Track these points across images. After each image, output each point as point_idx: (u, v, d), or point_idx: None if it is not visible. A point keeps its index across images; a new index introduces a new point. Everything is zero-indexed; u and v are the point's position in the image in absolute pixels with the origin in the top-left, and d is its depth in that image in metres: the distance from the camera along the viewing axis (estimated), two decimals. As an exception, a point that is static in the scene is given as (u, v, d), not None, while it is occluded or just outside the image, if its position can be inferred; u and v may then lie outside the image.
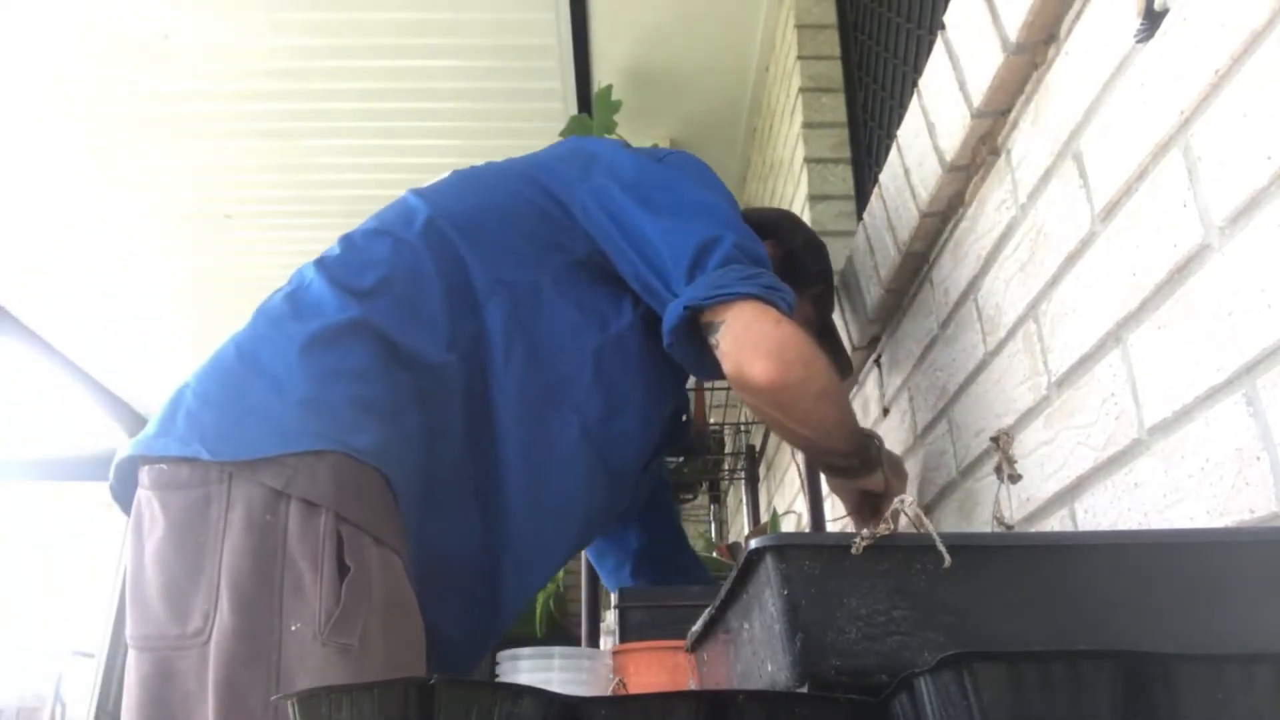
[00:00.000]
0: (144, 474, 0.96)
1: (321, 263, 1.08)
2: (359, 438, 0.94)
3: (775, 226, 1.37)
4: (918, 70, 1.43)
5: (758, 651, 0.57)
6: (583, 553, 1.56)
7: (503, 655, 1.02)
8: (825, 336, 1.38)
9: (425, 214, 1.11)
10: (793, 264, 1.32)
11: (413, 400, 1.01)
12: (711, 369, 1.09)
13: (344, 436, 0.94)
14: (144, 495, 0.95)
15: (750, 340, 1.02)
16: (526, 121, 2.74)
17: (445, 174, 1.24)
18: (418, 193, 1.17)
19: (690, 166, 1.21)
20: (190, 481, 0.92)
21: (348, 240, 1.11)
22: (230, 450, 0.92)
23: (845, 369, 1.43)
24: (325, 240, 1.15)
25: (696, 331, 1.07)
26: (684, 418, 1.30)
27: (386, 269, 1.06)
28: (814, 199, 1.99)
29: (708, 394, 2.08)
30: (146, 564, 0.92)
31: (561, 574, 3.00)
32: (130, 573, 0.94)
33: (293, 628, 0.86)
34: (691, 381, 1.98)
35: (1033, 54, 0.95)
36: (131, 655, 0.92)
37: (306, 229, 3.26)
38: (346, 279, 1.04)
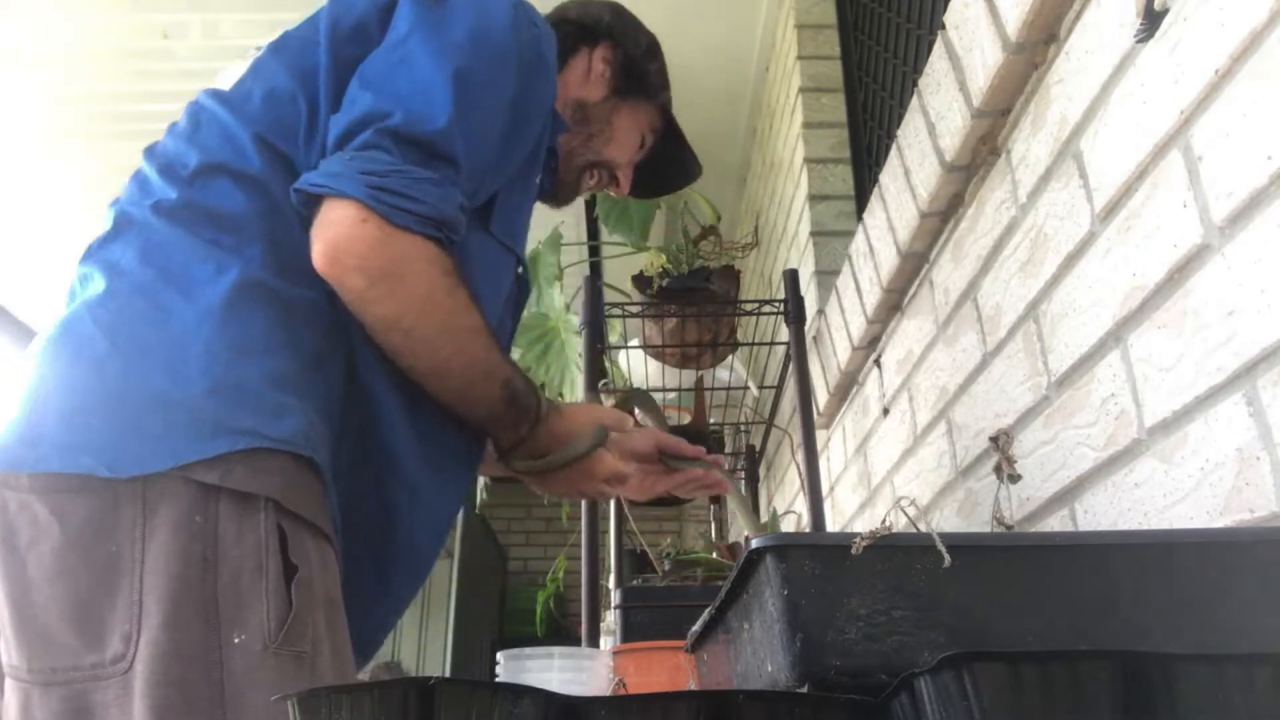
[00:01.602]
0: (5, 477, 0.80)
1: (167, 212, 0.91)
2: (283, 423, 0.84)
3: (611, 29, 1.23)
4: (918, 70, 1.43)
5: (758, 651, 0.57)
6: (582, 554, 1.56)
7: (503, 655, 1.02)
8: (672, 141, 1.33)
9: (248, 132, 0.95)
10: (636, 71, 1.24)
11: (314, 363, 0.91)
12: None
13: (267, 426, 0.83)
14: (14, 500, 0.79)
15: (338, 248, 0.88)
16: (526, 121, 2.73)
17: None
18: (228, 106, 0.97)
19: (466, 16, 0.98)
20: (89, 484, 0.78)
21: (182, 181, 0.93)
22: (132, 464, 0.78)
23: (694, 173, 1.41)
24: None
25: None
26: (519, 269, 1.15)
27: (243, 208, 0.91)
28: (814, 199, 1.99)
29: (708, 394, 2.08)
30: (36, 582, 0.77)
31: (562, 573, 3.00)
32: (6, 595, 0.79)
33: (236, 640, 0.76)
34: (691, 381, 1.99)
35: (1033, 54, 0.95)
36: (26, 692, 0.77)
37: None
38: (210, 231, 0.90)
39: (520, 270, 1.15)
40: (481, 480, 2.95)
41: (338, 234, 0.88)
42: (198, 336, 0.84)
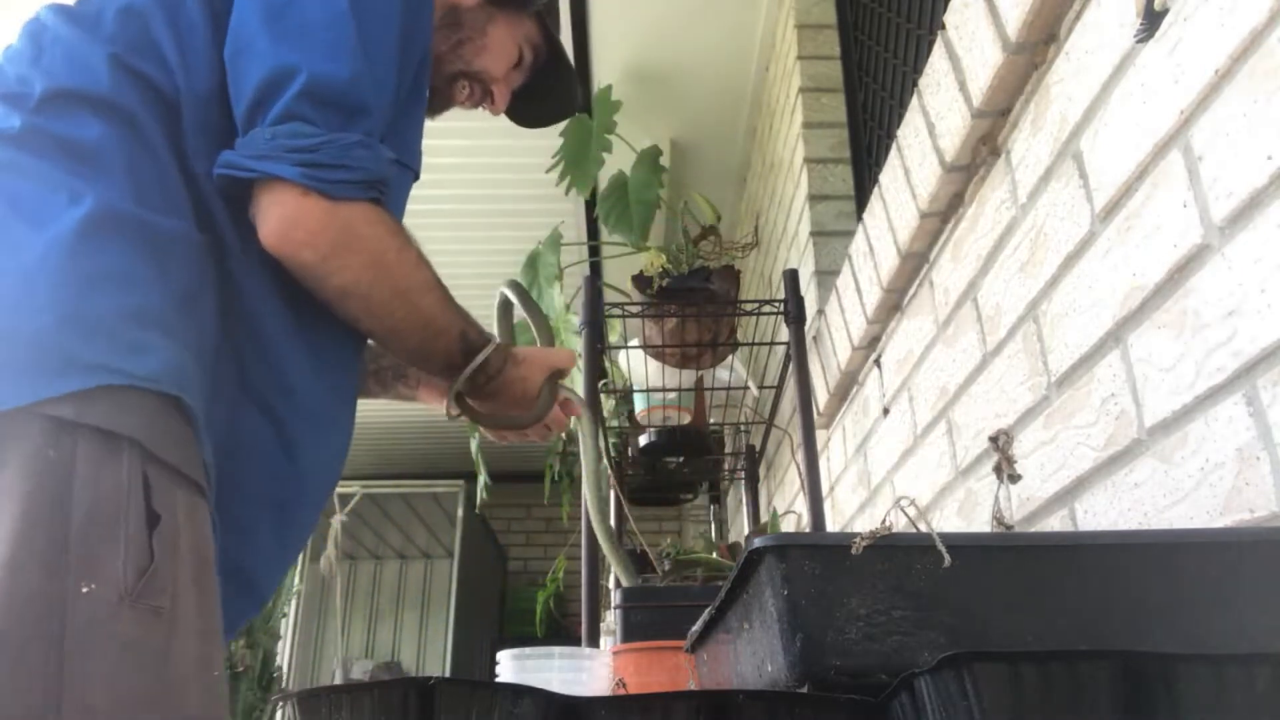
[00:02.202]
0: None
1: (13, 142, 0.84)
2: (145, 360, 0.77)
3: None
4: (918, 70, 1.43)
5: (758, 651, 0.57)
6: (582, 554, 1.56)
7: (502, 655, 1.02)
8: (555, 62, 1.28)
9: (102, 53, 0.87)
10: None
11: (185, 300, 0.84)
12: None
13: (126, 362, 0.76)
14: None
15: (286, 227, 0.87)
16: (526, 121, 2.73)
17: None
18: (76, 24, 0.90)
19: None
20: None
21: (27, 110, 0.85)
22: None
23: (570, 106, 1.37)
24: None
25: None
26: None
27: (98, 135, 0.84)
28: (814, 199, 1.99)
29: (708, 394, 2.08)
30: None
31: (562, 573, 3.00)
32: None
33: (84, 590, 0.69)
34: (691, 381, 1.99)
35: (1033, 54, 0.95)
36: None
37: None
38: (63, 160, 0.83)
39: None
40: (481, 480, 2.95)
41: (283, 214, 0.87)
42: (45, 267, 0.77)
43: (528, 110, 1.32)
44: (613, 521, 2.22)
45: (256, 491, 0.91)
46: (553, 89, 1.32)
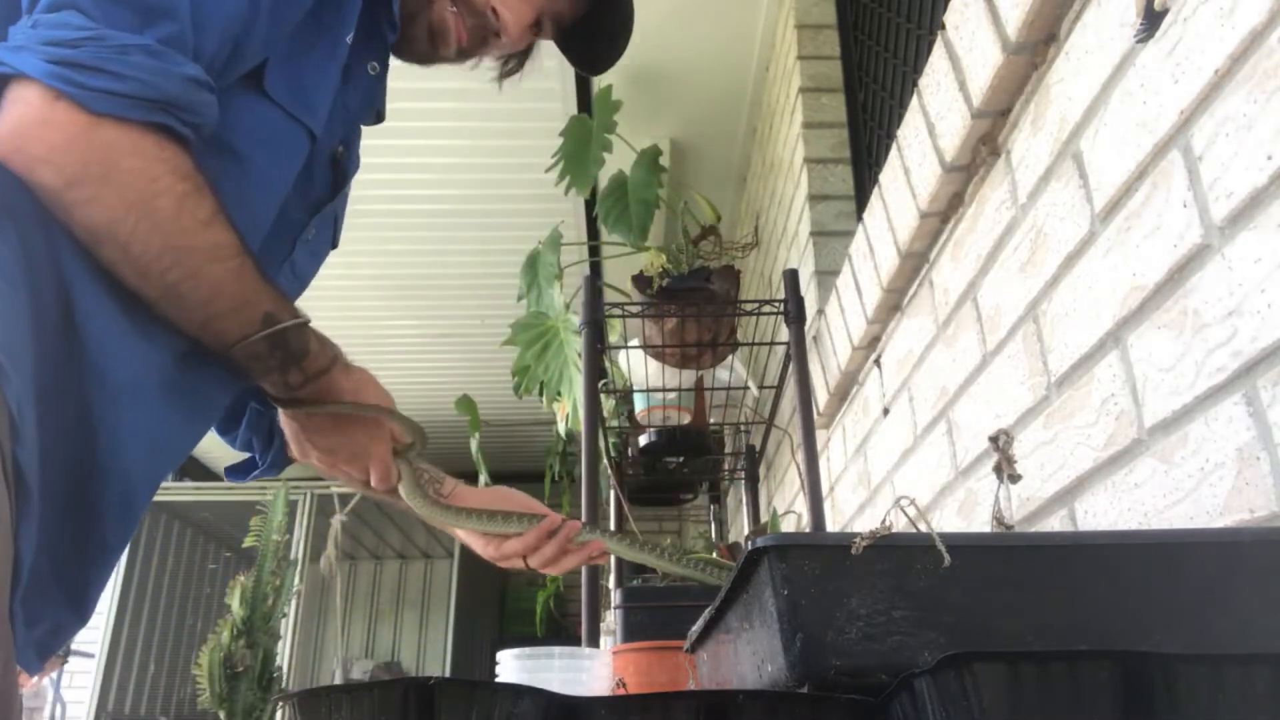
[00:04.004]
0: None
1: None
2: None
3: None
4: (918, 70, 1.43)
5: (758, 651, 0.57)
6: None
7: (502, 655, 1.02)
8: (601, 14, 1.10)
9: None
10: None
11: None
12: None
13: None
14: None
15: (21, 134, 0.70)
16: (526, 121, 2.74)
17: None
18: None
19: None
20: None
21: None
22: None
23: (609, 54, 1.18)
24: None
25: None
26: (335, 152, 0.97)
27: None
28: (814, 199, 1.99)
29: (708, 394, 2.08)
30: None
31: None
32: None
33: None
34: (691, 381, 1.99)
35: (1033, 54, 0.95)
36: None
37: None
38: None
39: (338, 149, 0.96)
40: (483, 480, 2.95)
41: (22, 116, 0.70)
42: None
43: (582, 46, 1.15)
44: (612, 521, 2.22)
45: (51, 483, 0.74)
46: (601, 23, 1.15)
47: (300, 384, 0.85)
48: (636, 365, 1.95)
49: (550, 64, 2.53)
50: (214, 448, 4.26)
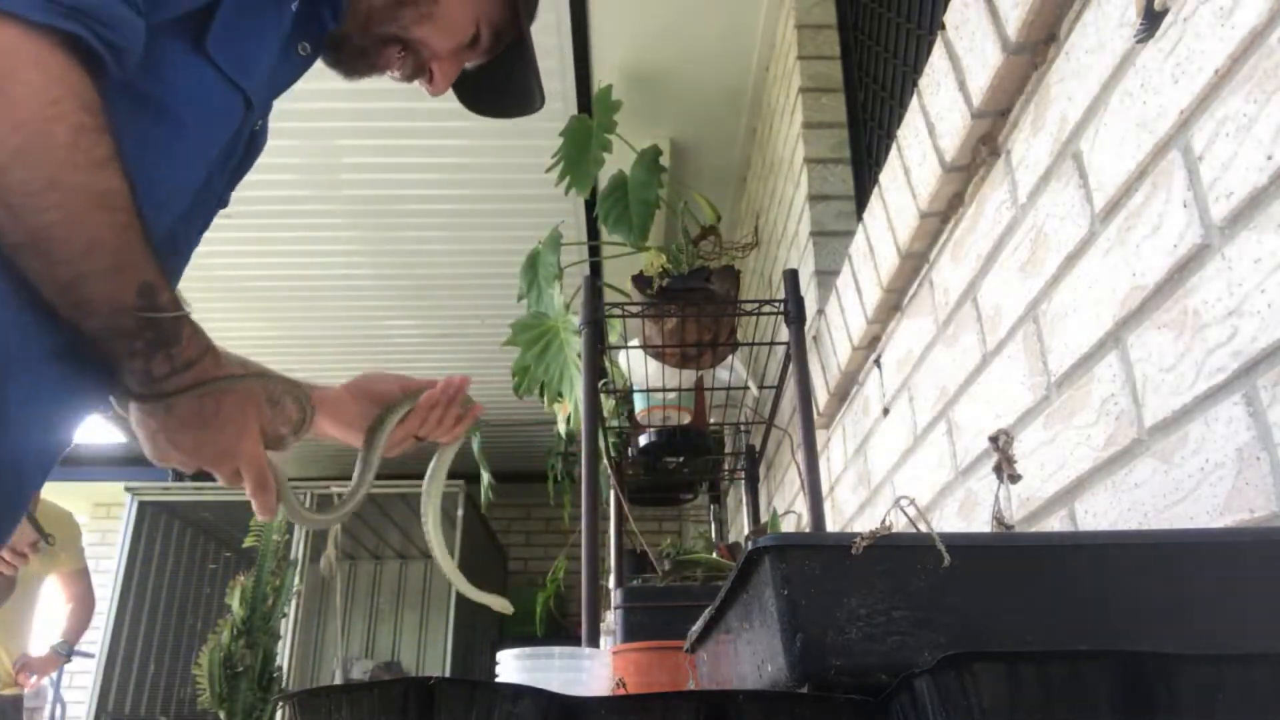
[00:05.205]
0: None
1: None
2: None
3: None
4: (918, 70, 1.43)
5: (758, 651, 0.57)
6: (582, 554, 1.56)
7: (502, 655, 1.02)
8: (520, 52, 1.09)
9: None
10: None
11: None
12: None
13: None
14: None
15: None
16: (526, 121, 2.73)
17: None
18: None
19: None
20: None
21: None
22: None
23: (528, 103, 1.17)
24: (325, 240, 1.09)
25: None
26: (257, 122, 0.92)
27: None
28: (814, 199, 1.99)
29: (708, 394, 2.08)
30: None
31: (562, 573, 2.99)
32: None
33: None
34: (691, 381, 1.98)
35: (1033, 54, 0.95)
36: None
37: (308, 229, 3.26)
38: None
39: (258, 123, 0.91)
40: (485, 480, 2.95)
41: None
42: None
43: (479, 96, 1.15)
44: (612, 521, 2.22)
45: None
46: (511, 81, 1.14)
47: (165, 375, 0.72)
48: (636, 365, 1.95)
49: (550, 64, 2.54)
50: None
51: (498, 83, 1.12)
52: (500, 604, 1.11)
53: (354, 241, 3.36)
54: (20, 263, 0.67)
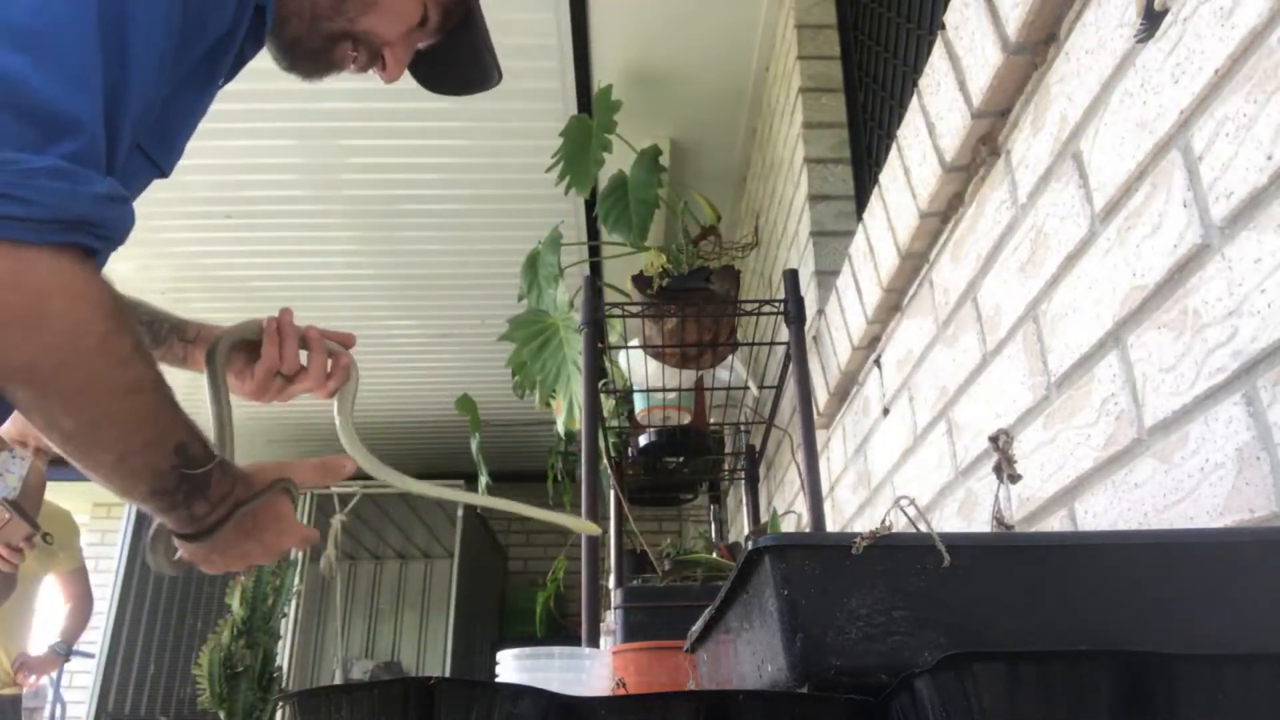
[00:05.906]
0: None
1: None
2: None
3: None
4: (918, 70, 1.43)
5: (758, 651, 0.57)
6: (582, 554, 1.56)
7: (502, 655, 1.02)
8: (470, 25, 1.11)
9: None
10: None
11: None
12: None
13: None
14: None
15: None
16: (526, 121, 2.74)
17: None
18: None
19: None
20: None
21: None
22: None
23: (491, 78, 1.19)
24: (325, 240, 1.09)
25: None
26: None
27: None
28: (814, 199, 1.99)
29: (708, 394, 2.08)
30: None
31: (562, 573, 3.00)
32: None
33: None
34: (691, 381, 1.98)
35: (1033, 54, 0.95)
36: None
37: (308, 229, 3.26)
38: None
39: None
40: (483, 480, 2.95)
41: None
42: None
43: (435, 75, 1.16)
44: (612, 522, 2.22)
45: None
46: (466, 57, 1.15)
47: (205, 514, 0.82)
48: (636, 365, 1.95)
49: (550, 64, 2.54)
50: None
51: (453, 61, 1.14)
52: (581, 524, 1.08)
53: (354, 241, 3.36)
54: (74, 453, 0.75)
